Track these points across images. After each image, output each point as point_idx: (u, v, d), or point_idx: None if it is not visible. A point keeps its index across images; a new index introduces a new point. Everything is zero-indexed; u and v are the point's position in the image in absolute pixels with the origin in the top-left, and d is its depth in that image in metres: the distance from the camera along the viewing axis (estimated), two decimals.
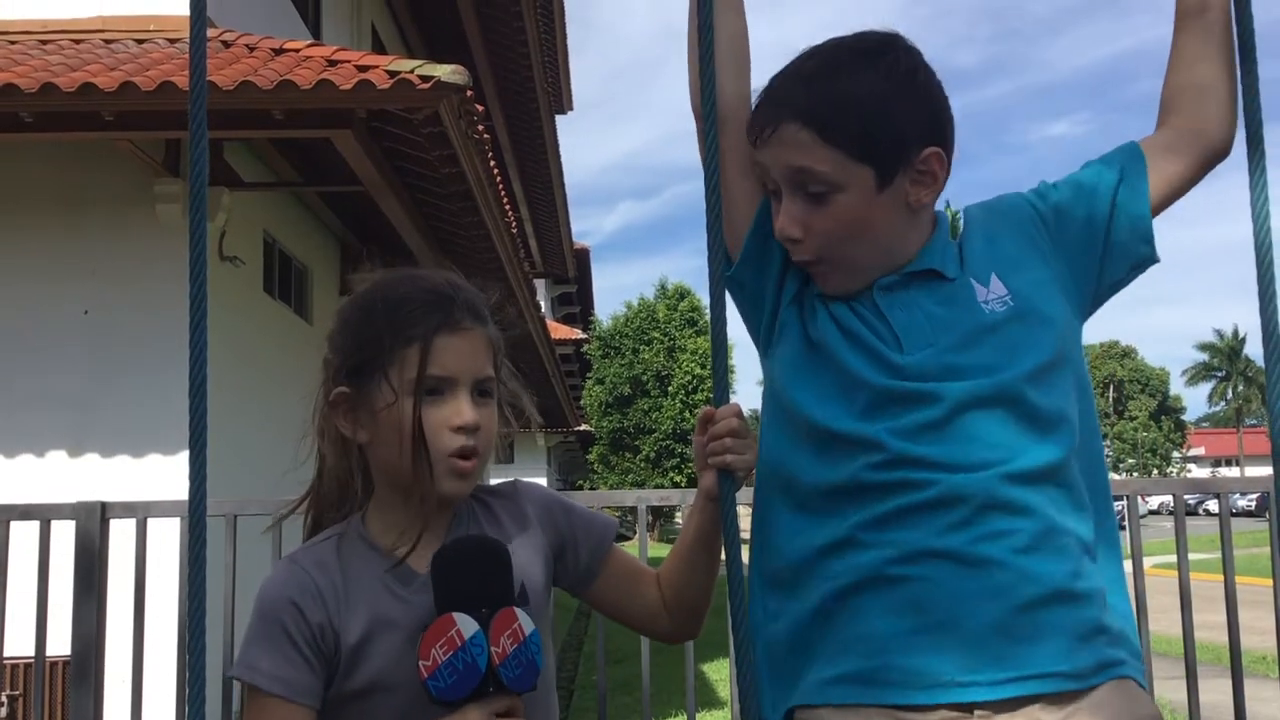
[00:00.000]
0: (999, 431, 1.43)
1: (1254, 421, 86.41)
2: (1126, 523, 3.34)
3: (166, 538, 3.31)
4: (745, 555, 1.60)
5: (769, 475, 1.60)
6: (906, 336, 1.49)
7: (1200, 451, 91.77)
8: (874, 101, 1.49)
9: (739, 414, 1.57)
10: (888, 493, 1.43)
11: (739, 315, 1.70)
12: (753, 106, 1.59)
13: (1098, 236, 1.58)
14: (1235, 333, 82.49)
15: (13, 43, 7.41)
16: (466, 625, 1.33)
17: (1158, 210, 1.60)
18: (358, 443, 1.54)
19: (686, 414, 31.60)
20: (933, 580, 1.39)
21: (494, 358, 1.55)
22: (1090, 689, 1.39)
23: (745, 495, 1.71)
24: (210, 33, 7.14)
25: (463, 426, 1.47)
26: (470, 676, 1.32)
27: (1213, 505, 37.81)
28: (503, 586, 1.39)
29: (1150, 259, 1.60)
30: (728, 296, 1.68)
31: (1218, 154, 1.62)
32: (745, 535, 1.63)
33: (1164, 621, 5.12)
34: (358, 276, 1.63)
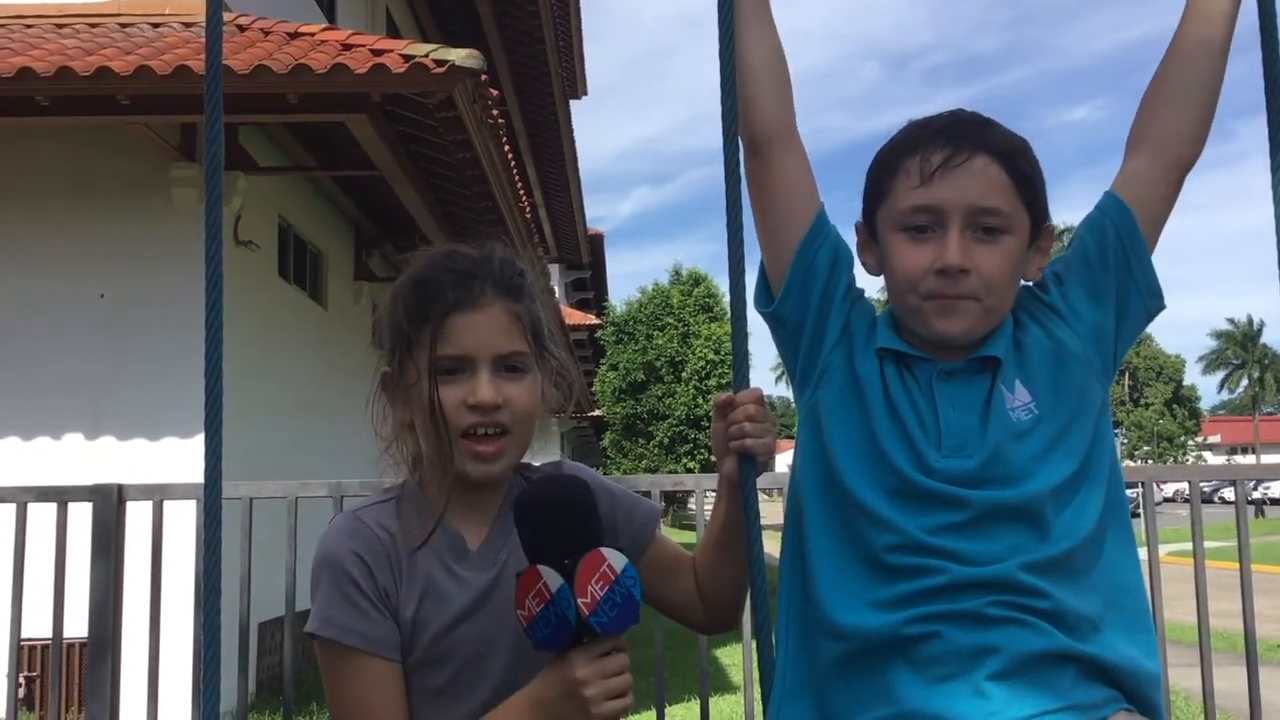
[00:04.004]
0: (1016, 534, 1.46)
1: (1270, 409, 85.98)
2: (1142, 510, 3.33)
3: (183, 520, 3.32)
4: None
5: (798, 502, 1.60)
6: (948, 438, 1.51)
7: (1216, 439, 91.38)
8: (1033, 154, 1.57)
9: (758, 399, 1.57)
10: (904, 576, 1.46)
11: (775, 348, 1.69)
12: (911, 144, 1.57)
13: (1109, 324, 1.60)
14: (1250, 320, 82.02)
15: (29, 26, 7.42)
16: (552, 579, 1.32)
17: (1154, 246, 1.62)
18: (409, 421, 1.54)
19: (700, 400, 31.51)
20: (948, 636, 1.42)
21: (526, 332, 1.53)
22: None
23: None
24: (225, 17, 7.13)
25: (477, 404, 1.46)
26: (563, 630, 1.32)
27: (1228, 493, 37.65)
28: (588, 528, 1.37)
29: (1159, 309, 1.63)
30: (752, 294, 1.68)
31: (1189, 168, 1.64)
32: (764, 521, 1.62)
33: (1179, 609, 5.10)
34: (403, 258, 1.62)
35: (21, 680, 6.41)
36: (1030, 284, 1.64)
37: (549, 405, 1.60)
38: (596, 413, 32.99)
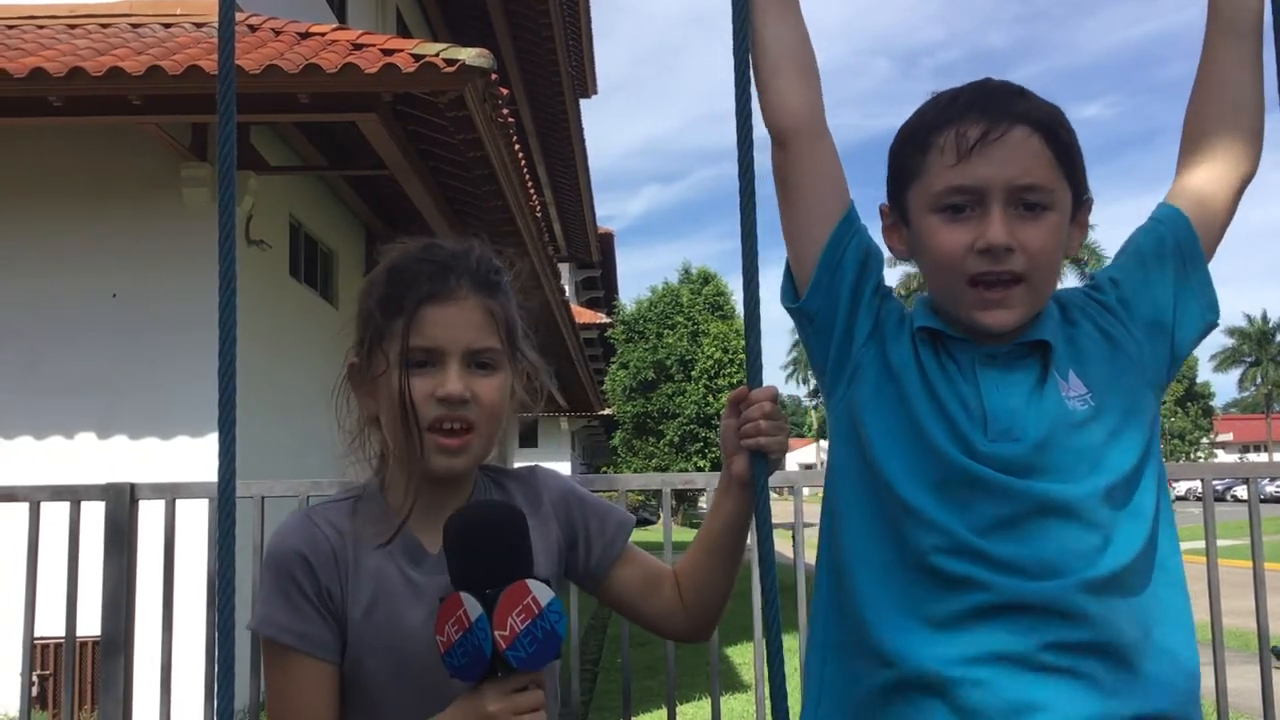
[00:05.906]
0: (1070, 538, 1.39)
1: None
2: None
3: (195, 519, 3.33)
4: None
5: (834, 512, 1.55)
6: (995, 421, 1.43)
7: (1229, 437, 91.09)
8: (1069, 123, 1.49)
9: (773, 396, 1.54)
10: (956, 587, 1.39)
11: (802, 342, 1.63)
12: (943, 119, 1.48)
13: (1167, 327, 1.53)
14: (1264, 317, 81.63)
15: (41, 27, 7.45)
16: (472, 608, 1.28)
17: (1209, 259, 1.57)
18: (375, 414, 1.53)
19: (710, 398, 31.55)
20: (992, 686, 1.36)
21: (499, 329, 1.51)
22: None
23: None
24: (237, 17, 7.15)
25: (445, 397, 1.45)
26: (479, 661, 1.28)
27: (1241, 491, 37.53)
28: (515, 558, 1.33)
29: (1214, 324, 1.56)
30: (764, 290, 1.65)
31: (1246, 182, 1.58)
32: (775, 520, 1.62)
33: (1192, 608, 5.09)
34: (384, 248, 1.61)
35: (34, 678, 6.44)
36: (1084, 284, 1.59)
37: (517, 404, 1.58)
38: (606, 411, 33.02)
